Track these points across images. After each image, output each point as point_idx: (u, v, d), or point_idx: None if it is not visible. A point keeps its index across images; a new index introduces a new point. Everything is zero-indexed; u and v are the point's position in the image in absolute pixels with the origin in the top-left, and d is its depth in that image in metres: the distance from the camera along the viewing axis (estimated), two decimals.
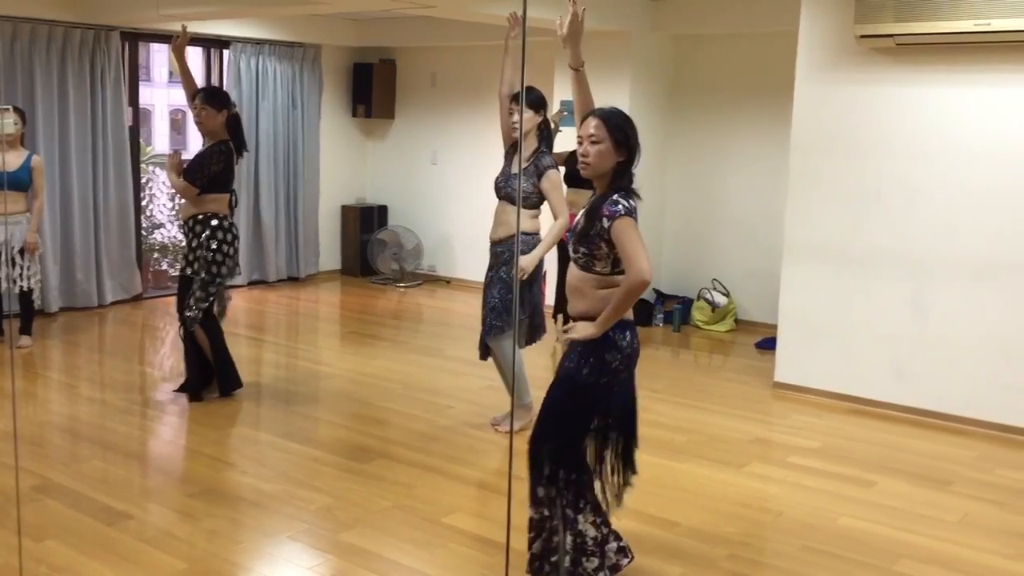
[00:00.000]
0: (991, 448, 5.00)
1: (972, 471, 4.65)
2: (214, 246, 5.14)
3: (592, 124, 3.11)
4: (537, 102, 4.79)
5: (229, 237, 5.21)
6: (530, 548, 3.30)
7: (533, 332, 4.94)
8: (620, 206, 3.03)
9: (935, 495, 4.33)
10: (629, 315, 3.17)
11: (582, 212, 3.19)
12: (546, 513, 3.23)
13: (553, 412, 3.19)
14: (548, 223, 4.70)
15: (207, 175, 5.10)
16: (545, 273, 5.42)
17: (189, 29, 5.48)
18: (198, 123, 5.20)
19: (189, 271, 5.20)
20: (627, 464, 3.26)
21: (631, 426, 3.26)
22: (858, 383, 5.65)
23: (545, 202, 4.78)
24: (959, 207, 5.28)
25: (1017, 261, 5.13)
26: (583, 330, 3.07)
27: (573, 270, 3.20)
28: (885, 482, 4.46)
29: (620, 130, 3.09)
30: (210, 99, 5.17)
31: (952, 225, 5.31)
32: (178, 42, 5.36)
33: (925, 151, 5.36)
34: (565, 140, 6.11)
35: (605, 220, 3.01)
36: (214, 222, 5.16)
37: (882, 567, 3.60)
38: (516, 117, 4.73)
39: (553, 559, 3.24)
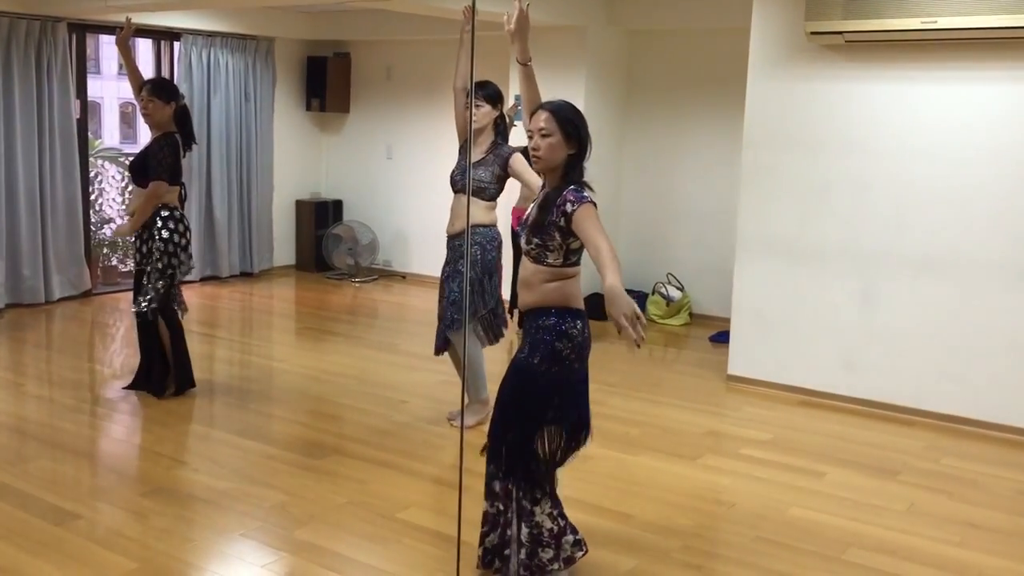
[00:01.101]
0: (937, 438, 5.10)
1: (919, 461, 4.74)
2: (165, 235, 5.08)
3: (542, 117, 3.12)
4: (494, 96, 4.79)
5: (181, 228, 5.15)
6: (482, 542, 3.30)
7: (497, 326, 4.92)
8: (586, 193, 3.06)
9: (883, 485, 4.41)
10: (580, 304, 3.19)
11: (533, 204, 3.20)
12: (501, 507, 3.23)
13: (508, 404, 3.20)
14: (504, 215, 4.69)
15: (166, 166, 5.03)
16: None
17: (138, 20, 5.39)
18: (145, 115, 5.12)
19: (145, 263, 5.12)
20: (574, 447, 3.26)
21: (583, 416, 3.27)
22: (809, 375, 5.73)
23: (500, 195, 4.80)
24: (906, 203, 5.38)
25: (960, 256, 5.24)
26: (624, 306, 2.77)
27: (525, 264, 3.21)
28: (835, 473, 4.54)
29: (570, 122, 3.11)
30: (158, 91, 5.10)
31: (899, 220, 5.40)
32: (122, 34, 5.26)
33: (873, 147, 5.45)
34: (519, 134, 6.11)
35: (570, 205, 3.02)
36: (164, 213, 5.10)
37: (832, 556, 3.66)
38: (472, 111, 4.73)
39: (506, 552, 3.25)
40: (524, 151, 3.84)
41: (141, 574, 3.34)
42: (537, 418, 3.17)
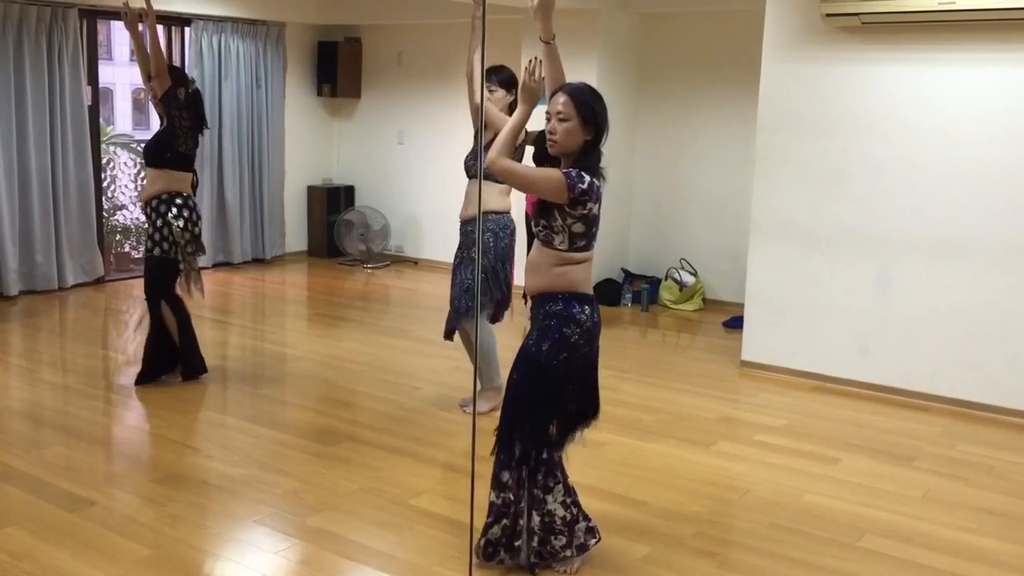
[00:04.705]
0: (953, 424, 5.07)
1: (934, 447, 4.71)
2: (181, 224, 5.09)
3: (560, 101, 3.09)
4: (508, 81, 4.77)
5: (195, 216, 5.18)
6: (485, 533, 3.27)
7: (499, 309, 4.91)
8: (585, 176, 3.04)
9: (899, 471, 4.38)
10: (588, 290, 3.18)
11: None
12: (510, 498, 3.20)
13: (518, 393, 3.18)
14: (519, 200, 4.67)
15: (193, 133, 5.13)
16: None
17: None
18: (155, 103, 5.11)
19: (157, 251, 5.12)
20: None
21: (593, 401, 3.26)
22: (823, 361, 5.70)
23: None
24: (922, 186, 5.32)
25: (976, 240, 5.19)
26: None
27: (535, 247, 3.21)
28: (850, 459, 4.51)
29: (588, 107, 3.08)
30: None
31: (915, 204, 5.35)
32: (129, 17, 5.23)
33: (889, 130, 5.39)
34: (536, 119, 6.06)
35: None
36: (179, 200, 5.12)
37: (847, 543, 3.64)
38: (486, 95, 4.70)
39: (516, 543, 3.22)
40: (540, 135, 3.81)
41: (154, 560, 3.35)
42: (549, 407, 3.15)
